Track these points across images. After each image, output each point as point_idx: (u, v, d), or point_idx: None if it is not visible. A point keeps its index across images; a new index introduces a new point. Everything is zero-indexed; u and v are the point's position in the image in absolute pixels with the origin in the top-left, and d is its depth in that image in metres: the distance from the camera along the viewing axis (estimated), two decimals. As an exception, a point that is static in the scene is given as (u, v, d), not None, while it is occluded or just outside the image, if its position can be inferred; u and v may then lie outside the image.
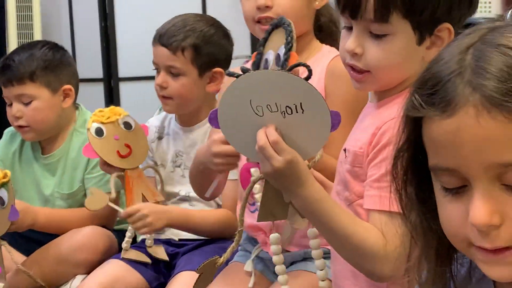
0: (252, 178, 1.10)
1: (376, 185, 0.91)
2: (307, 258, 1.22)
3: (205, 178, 1.25)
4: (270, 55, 1.05)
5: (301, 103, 0.93)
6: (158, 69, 1.50)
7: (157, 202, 1.47)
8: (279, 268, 1.08)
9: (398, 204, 0.61)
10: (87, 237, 1.53)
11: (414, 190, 0.59)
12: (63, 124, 1.67)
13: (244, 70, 1.02)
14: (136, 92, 3.17)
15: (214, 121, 0.99)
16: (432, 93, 0.52)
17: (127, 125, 1.51)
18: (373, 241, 0.86)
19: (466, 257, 0.60)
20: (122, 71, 3.34)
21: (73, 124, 1.68)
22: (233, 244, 1.08)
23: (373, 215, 0.91)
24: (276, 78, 0.94)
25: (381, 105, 0.97)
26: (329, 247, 1.13)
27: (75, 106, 1.69)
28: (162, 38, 1.49)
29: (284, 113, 0.95)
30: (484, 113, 0.48)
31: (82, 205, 1.61)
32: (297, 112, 0.94)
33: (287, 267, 1.18)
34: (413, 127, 0.55)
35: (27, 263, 1.52)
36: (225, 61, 1.54)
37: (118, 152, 1.45)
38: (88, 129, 1.46)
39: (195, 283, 1.11)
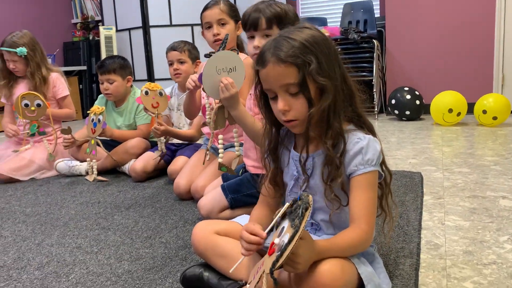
0: (213, 106, 1.71)
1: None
2: (233, 146, 2.11)
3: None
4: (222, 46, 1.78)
5: (235, 66, 1.51)
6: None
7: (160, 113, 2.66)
8: (220, 150, 1.92)
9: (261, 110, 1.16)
10: (136, 142, 2.95)
11: (264, 105, 1.15)
12: (125, 93, 3.11)
13: (212, 53, 1.75)
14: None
15: (200, 78, 1.62)
16: (258, 58, 1.08)
17: (161, 94, 2.73)
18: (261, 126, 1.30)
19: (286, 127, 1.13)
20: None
21: (129, 93, 3.13)
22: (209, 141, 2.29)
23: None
24: (226, 54, 1.52)
25: None
26: (242, 140, 1.89)
27: (131, 86, 3.15)
28: None
29: (228, 72, 1.51)
30: (276, 64, 1.01)
31: (134, 129, 3.04)
32: (234, 70, 1.51)
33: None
34: (258, 77, 1.08)
35: (110, 153, 2.88)
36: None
37: (152, 104, 2.68)
38: (141, 90, 2.68)
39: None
